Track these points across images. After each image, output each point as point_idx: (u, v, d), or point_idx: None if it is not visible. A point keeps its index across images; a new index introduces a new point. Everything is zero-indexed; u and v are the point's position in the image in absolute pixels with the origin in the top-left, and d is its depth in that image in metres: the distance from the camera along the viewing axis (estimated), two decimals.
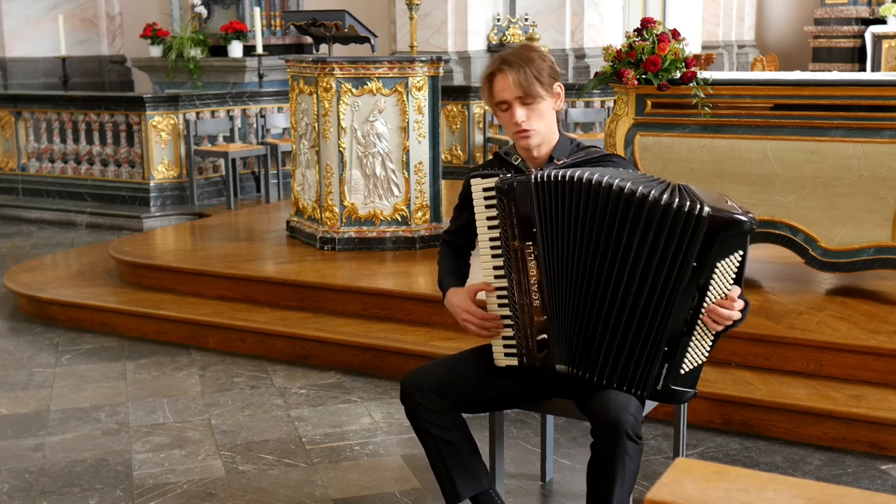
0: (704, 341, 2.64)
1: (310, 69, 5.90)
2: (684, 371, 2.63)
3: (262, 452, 3.79)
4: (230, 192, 8.16)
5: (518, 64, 2.73)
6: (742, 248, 2.54)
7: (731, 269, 2.57)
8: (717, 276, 2.55)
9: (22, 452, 3.84)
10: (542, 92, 2.74)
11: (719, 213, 2.50)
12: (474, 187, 2.74)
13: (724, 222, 2.49)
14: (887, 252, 4.47)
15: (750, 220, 2.50)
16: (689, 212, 2.51)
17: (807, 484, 1.38)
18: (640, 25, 4.64)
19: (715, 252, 2.52)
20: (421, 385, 2.81)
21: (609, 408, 2.58)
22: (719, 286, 2.57)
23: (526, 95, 2.73)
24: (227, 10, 11.45)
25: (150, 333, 5.29)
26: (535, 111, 2.75)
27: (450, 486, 2.85)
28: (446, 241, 3.08)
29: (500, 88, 2.76)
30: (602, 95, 8.96)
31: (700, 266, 2.53)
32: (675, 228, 2.52)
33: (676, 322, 2.58)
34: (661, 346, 2.60)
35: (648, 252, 2.55)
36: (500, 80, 2.75)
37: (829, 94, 4.49)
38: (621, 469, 2.56)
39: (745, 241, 2.54)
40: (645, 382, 2.63)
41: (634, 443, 2.56)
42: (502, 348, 2.79)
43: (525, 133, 2.77)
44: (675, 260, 2.54)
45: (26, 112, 9.10)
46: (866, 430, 3.70)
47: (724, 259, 2.54)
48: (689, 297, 2.56)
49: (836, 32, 13.64)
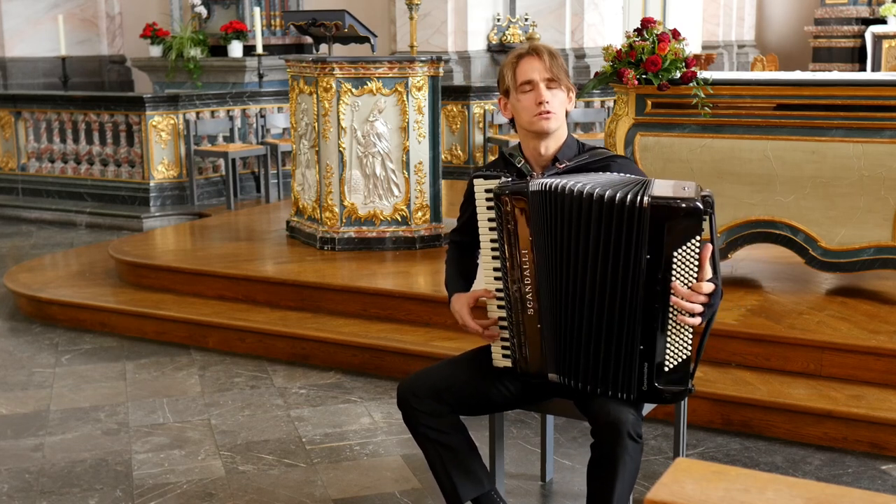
0: (682, 336, 2.58)
1: (310, 69, 5.90)
2: (669, 368, 2.59)
3: (261, 452, 3.79)
4: (230, 192, 8.16)
5: (549, 52, 2.80)
6: (697, 235, 2.46)
7: (691, 257, 2.48)
8: (677, 267, 2.48)
9: (21, 452, 3.84)
10: (565, 82, 2.80)
11: (660, 200, 2.44)
12: (477, 188, 2.74)
13: (664, 210, 2.44)
14: (887, 252, 4.47)
15: (696, 206, 2.42)
16: (630, 204, 2.48)
17: (807, 484, 1.38)
18: (641, 25, 4.64)
19: (667, 242, 2.46)
20: (417, 390, 2.80)
21: (609, 408, 2.57)
22: (682, 276, 2.50)
23: (553, 79, 2.76)
24: (227, 10, 11.44)
25: (150, 333, 5.29)
26: (557, 97, 2.78)
27: (451, 490, 2.85)
28: (453, 242, 3.09)
29: (527, 69, 2.77)
30: (602, 95, 8.96)
31: (655, 258, 2.48)
32: (622, 224, 2.50)
33: (647, 319, 2.54)
34: (635, 345, 2.57)
35: (606, 252, 2.54)
36: (530, 61, 2.77)
37: (829, 94, 4.49)
38: (622, 468, 2.55)
39: (698, 227, 2.45)
40: (629, 385, 2.59)
41: (635, 442, 2.55)
42: (500, 349, 2.79)
43: (547, 114, 2.75)
44: (629, 255, 2.51)
45: (26, 112, 9.10)
46: (866, 431, 3.70)
47: (680, 248, 2.47)
48: (652, 292, 2.50)
49: (836, 32, 13.64)
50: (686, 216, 2.43)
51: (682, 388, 2.62)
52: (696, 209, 2.43)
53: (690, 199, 2.44)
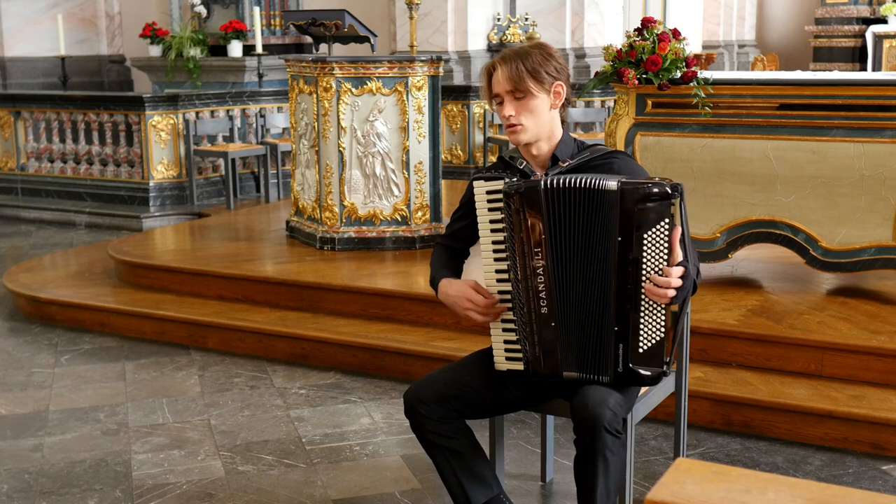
0: (655, 316, 2.61)
1: (309, 69, 5.89)
2: (643, 350, 2.62)
3: (261, 453, 3.78)
4: (230, 192, 8.16)
5: (513, 58, 2.74)
6: (666, 217, 2.54)
7: (660, 239, 2.55)
8: (647, 249, 2.56)
9: (21, 453, 3.83)
10: (534, 87, 2.72)
11: (628, 185, 2.56)
12: (477, 190, 2.73)
13: (632, 193, 2.55)
14: (888, 252, 4.46)
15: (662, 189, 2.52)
16: (602, 190, 2.58)
17: (808, 484, 1.37)
18: (641, 25, 4.63)
19: (636, 224, 2.55)
20: (424, 398, 2.80)
21: (587, 403, 2.59)
22: (652, 258, 2.57)
23: (515, 90, 2.72)
24: (227, 10, 11.44)
25: (150, 334, 5.29)
26: (526, 107, 2.74)
27: (461, 495, 2.85)
28: (441, 244, 3.06)
29: (494, 82, 2.78)
30: (602, 95, 8.96)
31: (626, 239, 2.57)
32: (597, 207, 2.59)
33: (619, 300, 2.60)
34: (610, 326, 2.63)
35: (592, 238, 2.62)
36: (496, 74, 2.77)
37: (829, 93, 4.48)
38: (603, 464, 2.56)
39: (667, 209, 2.53)
40: (605, 367, 2.65)
41: (614, 437, 2.56)
42: (503, 352, 2.78)
43: (513, 127, 2.76)
44: (602, 238, 2.60)
45: (25, 112, 9.09)
46: (867, 431, 3.70)
47: (649, 230, 2.55)
48: (624, 273, 2.58)
49: (836, 32, 13.64)
50: (654, 199, 2.53)
51: (657, 369, 2.65)
52: (664, 192, 2.53)
53: (658, 183, 2.55)
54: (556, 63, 2.77)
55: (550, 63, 2.75)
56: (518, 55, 2.74)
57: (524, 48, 2.78)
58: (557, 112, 2.80)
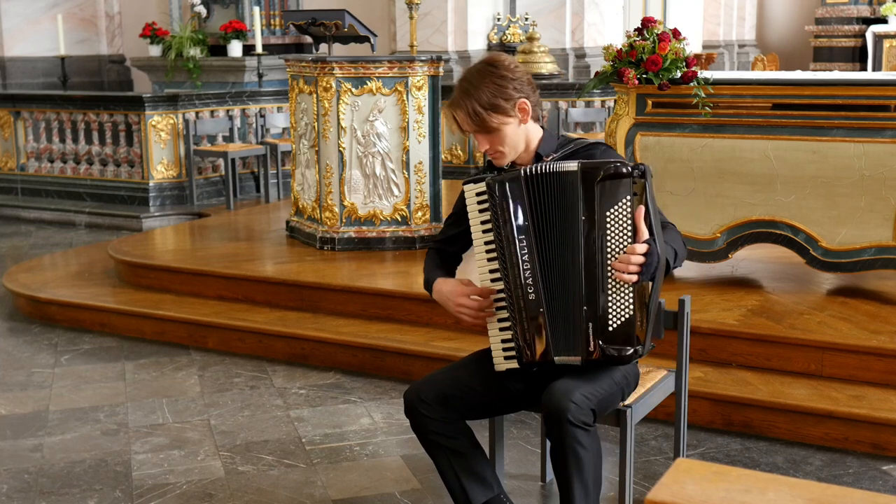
0: (623, 295, 2.62)
1: (309, 69, 5.89)
2: (612, 328, 2.63)
3: (261, 453, 3.78)
4: (230, 192, 8.16)
5: (466, 99, 2.73)
6: (627, 195, 2.56)
7: (623, 217, 2.57)
8: (610, 227, 2.59)
9: (21, 453, 3.83)
10: (497, 121, 2.72)
11: (588, 164, 2.61)
12: (467, 193, 2.77)
13: (592, 170, 2.59)
14: (888, 252, 4.46)
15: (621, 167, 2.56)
16: (565, 172, 2.62)
17: (808, 484, 1.37)
18: (641, 25, 4.63)
19: (599, 203, 2.58)
20: (425, 397, 2.80)
21: (551, 396, 2.60)
22: (617, 235, 2.59)
23: (481, 129, 2.75)
24: (227, 10, 11.44)
25: (150, 334, 5.28)
26: (498, 139, 2.77)
27: (462, 495, 2.85)
28: (434, 249, 3.07)
29: (459, 120, 2.80)
30: (602, 95, 8.95)
31: (589, 218, 2.60)
32: (564, 189, 2.63)
33: (589, 279, 2.62)
34: (581, 305, 2.64)
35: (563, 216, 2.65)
36: (456, 114, 2.79)
37: (830, 93, 4.48)
38: (574, 458, 2.57)
39: (627, 186, 2.56)
40: (576, 346, 2.66)
41: (582, 430, 2.56)
42: (501, 352, 2.78)
43: (493, 156, 2.82)
44: (571, 219, 2.62)
45: (25, 112, 9.09)
46: (867, 431, 3.69)
47: (611, 209, 2.58)
48: (591, 251, 2.61)
49: (837, 32, 13.64)
50: (613, 177, 2.57)
51: (629, 347, 2.64)
52: (620, 170, 2.57)
53: (618, 163, 2.59)
54: (512, 82, 2.73)
55: (506, 88, 2.72)
56: (469, 95, 2.72)
57: (474, 79, 2.74)
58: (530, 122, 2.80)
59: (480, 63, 2.82)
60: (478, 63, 2.83)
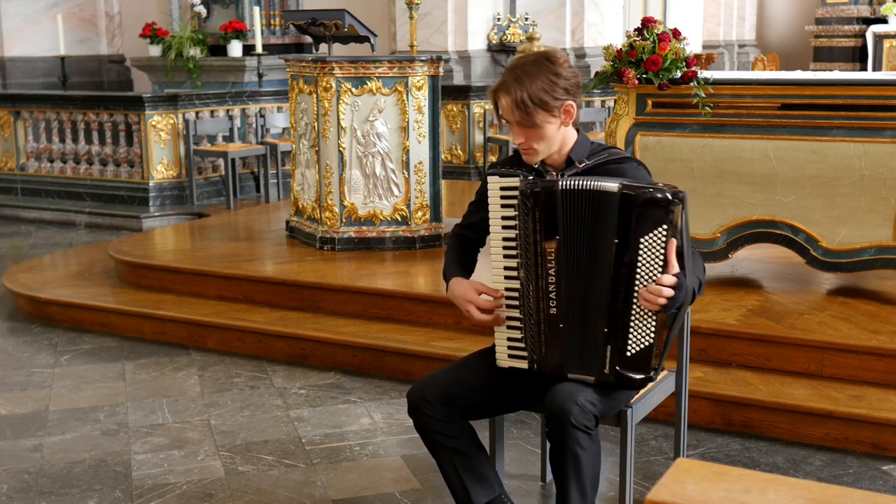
0: (646, 323, 2.61)
1: (309, 69, 5.89)
2: (630, 354, 2.63)
3: (261, 453, 3.78)
4: (229, 192, 8.15)
5: (518, 87, 2.64)
6: (664, 223, 2.53)
7: (657, 246, 2.55)
8: (643, 253, 2.56)
9: (21, 453, 3.83)
10: (541, 118, 2.66)
11: (629, 188, 2.56)
12: (491, 185, 2.71)
13: (632, 197, 2.55)
14: (888, 252, 4.46)
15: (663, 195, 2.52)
16: (604, 191, 2.58)
17: (808, 484, 1.37)
18: (641, 25, 4.63)
19: (634, 228, 2.55)
20: (428, 397, 2.79)
21: (555, 398, 2.60)
22: (648, 263, 2.57)
23: (522, 122, 2.68)
24: (227, 10, 11.43)
25: (150, 334, 5.28)
26: (536, 135, 2.69)
27: (464, 495, 2.85)
28: (457, 234, 3.03)
29: (502, 106, 2.72)
30: (602, 95, 8.96)
31: (623, 242, 2.57)
32: (600, 208, 2.59)
33: (613, 302, 2.60)
34: (602, 327, 2.63)
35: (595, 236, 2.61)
36: (502, 99, 2.71)
37: (830, 93, 4.48)
38: (573, 460, 2.57)
39: (665, 215, 2.53)
40: (591, 365, 2.66)
41: (584, 433, 2.55)
42: (506, 349, 2.77)
43: (525, 151, 2.75)
44: (603, 239, 2.59)
45: (25, 112, 9.09)
46: (868, 431, 3.69)
47: (646, 235, 2.55)
48: (619, 275, 2.58)
49: (837, 32, 13.63)
50: (651, 204, 2.54)
51: (641, 375, 2.65)
52: (664, 198, 2.53)
53: (660, 189, 2.55)
54: (564, 82, 2.67)
55: (558, 86, 2.66)
56: (522, 84, 2.64)
57: (529, 69, 2.66)
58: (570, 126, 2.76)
59: (537, 54, 2.74)
60: (535, 53, 2.77)
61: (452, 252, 2.99)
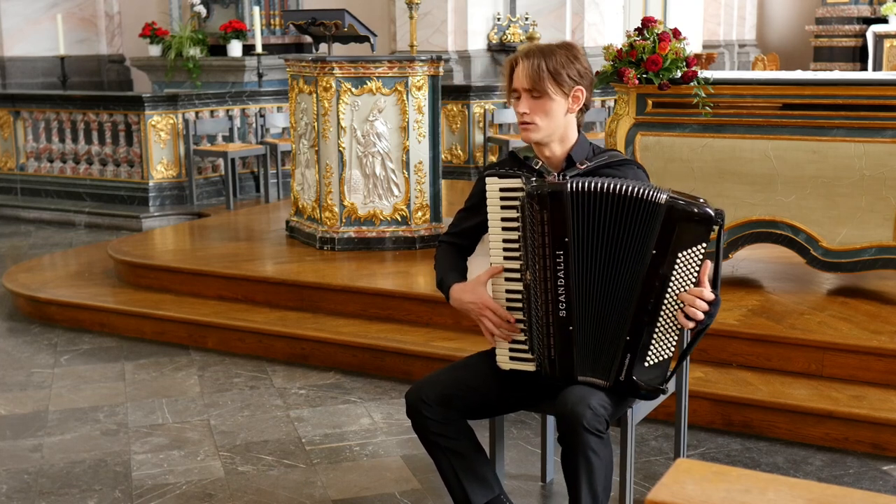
0: (670, 335, 2.62)
1: (309, 68, 5.89)
2: (649, 364, 2.63)
3: (261, 453, 3.78)
4: (229, 192, 8.15)
5: (536, 55, 2.68)
6: (704, 241, 2.53)
7: (694, 261, 2.55)
8: (679, 267, 2.55)
9: (20, 453, 3.83)
10: (552, 89, 2.66)
11: (677, 202, 2.53)
12: (490, 186, 2.68)
13: (679, 211, 2.53)
14: (889, 252, 4.46)
15: (709, 213, 2.51)
16: (648, 199, 2.55)
17: (808, 485, 1.37)
18: (641, 24, 4.63)
19: (675, 241, 2.53)
20: (427, 398, 2.77)
21: (567, 401, 2.58)
22: (682, 277, 2.56)
23: (534, 89, 2.67)
24: (227, 10, 11.43)
25: (149, 334, 5.28)
26: (541, 107, 2.69)
27: (462, 496, 2.84)
28: (447, 243, 3.00)
29: (515, 76, 2.72)
30: (602, 95, 8.95)
31: (660, 254, 2.54)
32: (637, 214, 2.56)
33: (639, 312, 2.58)
34: (623, 335, 2.61)
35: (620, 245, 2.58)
36: (517, 68, 2.71)
37: (830, 93, 4.47)
38: (585, 464, 2.55)
39: (706, 233, 2.53)
40: (608, 372, 2.64)
41: (596, 437, 2.54)
42: (508, 352, 2.76)
43: (525, 125, 2.72)
44: (636, 247, 2.57)
45: (25, 112, 9.09)
46: (868, 431, 3.69)
47: (685, 250, 2.54)
48: (650, 286, 2.56)
49: (837, 32, 13.63)
50: (698, 221, 2.52)
51: (657, 386, 2.66)
52: (708, 216, 2.51)
53: (704, 206, 2.53)
54: (581, 67, 2.70)
55: (574, 66, 2.69)
56: (542, 53, 2.68)
57: (551, 46, 2.72)
58: (574, 116, 2.75)
59: (560, 42, 2.79)
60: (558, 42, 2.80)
61: (447, 261, 2.95)
